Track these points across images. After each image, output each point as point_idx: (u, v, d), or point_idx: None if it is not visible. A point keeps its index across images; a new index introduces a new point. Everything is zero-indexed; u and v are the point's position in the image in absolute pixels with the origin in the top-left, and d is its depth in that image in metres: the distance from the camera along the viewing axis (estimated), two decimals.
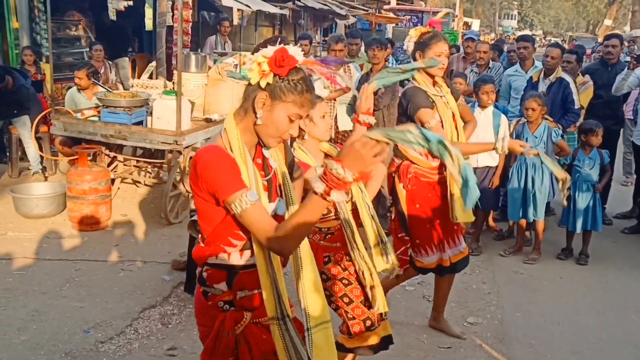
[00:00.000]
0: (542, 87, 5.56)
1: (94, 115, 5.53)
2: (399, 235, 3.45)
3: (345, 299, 2.66)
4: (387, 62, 5.82)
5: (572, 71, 5.79)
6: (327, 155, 2.67)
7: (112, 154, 5.71)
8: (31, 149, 6.12)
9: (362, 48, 7.05)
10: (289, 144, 2.14)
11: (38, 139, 6.21)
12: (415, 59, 3.27)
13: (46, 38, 7.82)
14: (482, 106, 4.97)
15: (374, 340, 2.70)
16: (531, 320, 3.99)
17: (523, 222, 5.09)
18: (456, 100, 3.44)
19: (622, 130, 6.53)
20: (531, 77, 5.73)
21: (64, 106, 6.10)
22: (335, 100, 5.77)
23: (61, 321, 3.61)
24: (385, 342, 2.78)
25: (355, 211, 2.65)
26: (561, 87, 5.48)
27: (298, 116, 1.72)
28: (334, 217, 2.64)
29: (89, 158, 5.31)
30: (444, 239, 3.42)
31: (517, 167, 4.99)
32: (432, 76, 3.26)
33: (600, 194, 5.13)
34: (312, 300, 1.89)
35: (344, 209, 2.60)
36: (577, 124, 5.50)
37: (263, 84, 1.68)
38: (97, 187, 5.06)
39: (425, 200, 3.35)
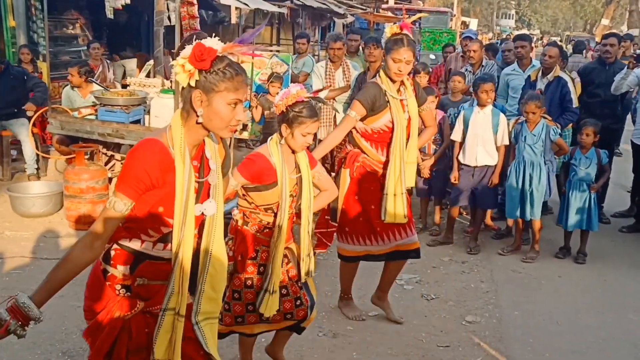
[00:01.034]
0: (540, 86, 5.55)
1: (91, 114, 5.52)
2: (325, 217, 3.44)
3: (236, 295, 2.75)
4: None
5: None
6: (297, 166, 2.75)
7: (109, 153, 5.69)
8: (28, 148, 6.09)
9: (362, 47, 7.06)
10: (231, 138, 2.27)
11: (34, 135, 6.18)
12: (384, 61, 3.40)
13: (43, 37, 7.79)
14: (481, 105, 4.97)
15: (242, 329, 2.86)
16: (529, 319, 3.99)
17: (521, 220, 5.09)
18: (420, 105, 3.50)
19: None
20: (529, 76, 5.72)
21: (60, 104, 6.08)
22: (334, 99, 5.76)
23: (58, 320, 3.60)
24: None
25: (297, 214, 2.77)
26: (559, 86, 5.48)
27: (236, 100, 1.77)
28: (274, 216, 2.71)
29: (86, 157, 5.29)
30: (384, 232, 3.50)
31: (515, 166, 4.99)
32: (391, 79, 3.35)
33: (598, 193, 5.13)
34: (209, 298, 1.91)
35: (283, 215, 2.68)
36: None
37: (193, 83, 1.72)
38: (94, 185, 5.05)
39: (366, 192, 3.46)
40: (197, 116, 1.75)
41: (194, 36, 1.81)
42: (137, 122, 5.41)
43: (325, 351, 3.44)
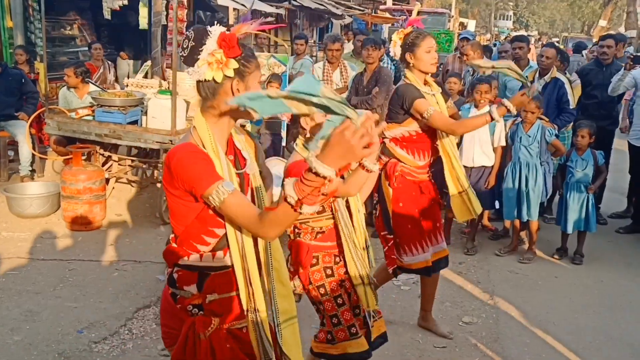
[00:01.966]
0: (537, 87, 5.56)
1: (88, 115, 5.51)
2: (382, 234, 3.44)
3: (330, 304, 2.63)
4: (381, 62, 5.81)
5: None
6: None
7: (106, 154, 5.68)
8: (25, 149, 6.08)
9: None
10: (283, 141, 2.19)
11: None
12: (406, 62, 3.28)
13: (41, 37, 7.78)
14: (477, 106, 4.98)
15: (353, 348, 2.65)
16: (526, 319, 3.99)
17: (518, 221, 5.09)
18: (446, 101, 3.49)
19: None
20: (526, 77, 5.72)
21: (58, 105, 6.07)
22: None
23: (55, 321, 3.59)
24: (380, 341, 2.79)
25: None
26: (556, 87, 5.49)
27: (261, 77, 1.79)
28: (328, 216, 2.62)
29: (84, 158, 5.28)
30: (427, 239, 3.44)
31: (511, 167, 5.00)
32: (424, 73, 3.29)
33: (595, 194, 5.13)
34: (282, 295, 1.87)
35: (342, 208, 2.58)
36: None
37: (230, 73, 1.68)
38: (91, 186, 5.04)
39: (409, 199, 3.35)
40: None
41: (194, 32, 1.72)
42: (135, 122, 5.39)
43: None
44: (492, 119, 3.19)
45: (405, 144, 3.34)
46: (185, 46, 1.70)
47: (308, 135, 2.45)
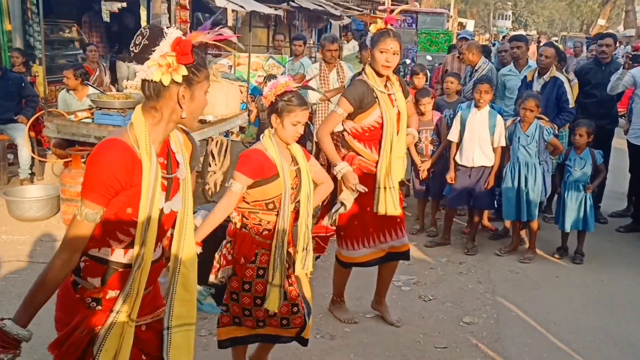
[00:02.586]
0: (536, 87, 5.56)
1: (87, 117, 5.50)
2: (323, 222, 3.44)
3: (234, 296, 2.75)
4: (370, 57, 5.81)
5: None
6: (293, 159, 2.73)
7: None
8: (24, 153, 6.07)
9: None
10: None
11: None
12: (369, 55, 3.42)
13: (39, 40, 7.78)
14: (477, 106, 4.98)
15: (238, 332, 2.83)
16: (527, 319, 3.98)
17: (518, 221, 5.09)
18: (405, 98, 3.53)
19: None
20: (525, 77, 5.73)
21: (57, 108, 6.07)
22: (329, 100, 5.76)
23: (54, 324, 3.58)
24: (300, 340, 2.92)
25: (296, 216, 2.75)
26: (555, 86, 5.49)
27: (208, 86, 1.79)
28: (276, 213, 2.68)
29: (83, 160, 5.28)
30: (372, 237, 3.51)
31: (510, 167, 4.99)
32: (377, 72, 3.35)
33: (594, 194, 5.13)
34: (181, 299, 1.86)
35: (286, 210, 2.66)
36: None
37: (179, 79, 1.67)
38: None
39: (364, 194, 3.33)
40: (182, 111, 1.71)
41: (149, 30, 1.70)
42: None
43: (323, 353, 3.43)
44: (341, 180, 3.29)
45: (362, 138, 3.42)
46: (137, 42, 1.69)
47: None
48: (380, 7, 20.05)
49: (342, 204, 3.25)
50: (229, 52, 7.14)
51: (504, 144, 5.01)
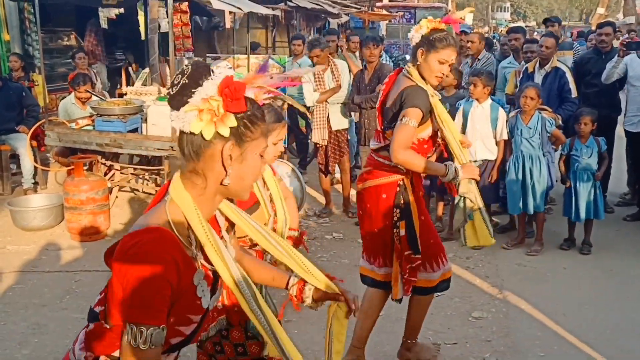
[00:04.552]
0: (538, 78, 5.53)
1: (88, 125, 5.50)
2: (406, 254, 2.97)
3: (240, 349, 2.36)
4: (380, 58, 5.78)
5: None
6: (265, 184, 2.39)
7: (108, 163, 5.67)
8: (27, 162, 6.07)
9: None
10: None
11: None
12: (415, 55, 2.90)
13: (38, 49, 7.79)
14: (477, 99, 4.96)
15: None
16: (536, 312, 3.95)
17: (524, 214, 5.05)
18: None
19: None
20: (526, 68, 5.70)
21: (57, 117, 6.07)
22: (326, 102, 5.74)
23: (62, 333, 3.58)
24: None
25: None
26: (557, 77, 5.46)
27: (266, 146, 1.39)
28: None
29: (85, 168, 5.28)
30: (442, 251, 3.16)
31: (513, 160, 4.96)
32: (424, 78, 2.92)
33: (601, 183, 5.10)
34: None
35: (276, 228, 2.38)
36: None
37: (226, 132, 1.27)
38: (94, 196, 5.03)
39: (423, 209, 3.06)
40: (226, 176, 1.31)
41: (191, 67, 1.32)
42: (135, 130, 5.39)
43: None
44: (446, 175, 2.89)
45: (418, 151, 2.95)
46: (175, 82, 1.31)
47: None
48: (378, 4, 20.01)
49: (466, 198, 2.95)
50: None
51: (506, 137, 4.98)
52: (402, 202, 2.96)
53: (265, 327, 1.47)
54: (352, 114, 5.85)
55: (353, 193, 6.18)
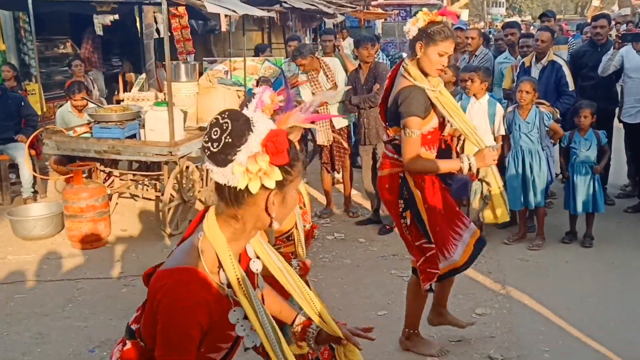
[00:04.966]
0: (535, 72, 5.52)
1: (86, 132, 5.49)
2: (417, 244, 3.04)
3: None
4: (376, 57, 5.76)
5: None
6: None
7: (107, 170, 5.67)
8: (26, 172, 6.06)
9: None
10: None
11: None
12: (414, 50, 2.89)
13: (34, 58, 7.78)
14: (475, 95, 4.95)
15: None
16: (540, 307, 3.94)
17: (524, 209, 5.04)
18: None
19: None
20: (523, 62, 5.69)
21: (54, 125, 6.06)
22: (327, 103, 5.73)
23: (65, 342, 3.57)
24: None
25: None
26: (554, 70, 5.45)
27: (300, 182, 1.45)
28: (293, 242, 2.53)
29: (84, 175, 5.27)
30: (458, 229, 3.13)
31: (513, 156, 4.95)
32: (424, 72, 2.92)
33: (601, 175, 5.09)
34: None
35: (302, 234, 2.51)
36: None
37: (272, 185, 1.31)
38: (94, 204, 5.02)
39: (431, 196, 3.02)
40: (271, 219, 1.36)
41: (230, 122, 1.31)
42: (133, 136, 5.38)
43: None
44: (462, 170, 2.88)
45: (424, 142, 2.97)
46: (214, 137, 1.30)
47: None
48: (373, 3, 20.00)
49: (483, 181, 2.99)
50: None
51: (504, 133, 4.97)
52: (405, 193, 3.00)
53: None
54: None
55: (354, 193, 6.19)
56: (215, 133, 1.30)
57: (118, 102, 7.13)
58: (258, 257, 1.56)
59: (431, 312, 3.49)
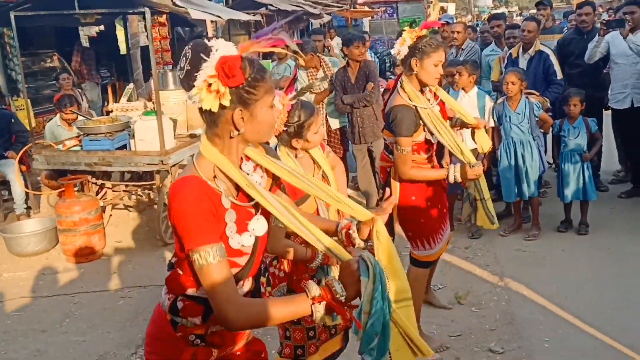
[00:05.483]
0: (522, 62, 5.53)
1: (75, 145, 5.46)
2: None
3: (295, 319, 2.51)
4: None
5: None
6: (315, 163, 2.64)
7: (99, 182, 5.64)
8: (17, 188, 6.03)
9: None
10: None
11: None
12: (409, 67, 3.07)
13: (21, 73, 7.75)
14: (463, 88, 4.95)
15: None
16: (538, 297, 3.94)
17: (519, 199, 5.04)
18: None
19: None
20: (510, 54, 5.70)
21: (44, 139, 6.03)
22: (323, 102, 5.72)
23: (64, 358, 3.55)
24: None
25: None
26: (541, 60, 5.46)
27: (273, 100, 1.60)
28: None
29: (76, 189, 5.24)
30: (440, 229, 3.34)
31: (504, 147, 4.95)
32: (424, 84, 3.11)
33: (594, 162, 5.10)
34: (392, 273, 1.82)
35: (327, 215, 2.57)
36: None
37: (227, 103, 1.48)
38: (87, 217, 4.99)
39: (419, 192, 3.23)
40: (239, 134, 1.55)
41: (191, 50, 1.51)
42: (123, 147, 5.36)
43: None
44: (449, 178, 3.13)
45: (419, 149, 3.20)
46: (182, 66, 1.52)
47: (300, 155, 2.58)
48: (360, 1, 20.02)
49: (468, 192, 3.26)
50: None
51: (494, 125, 4.97)
52: (390, 183, 3.28)
53: (301, 228, 1.66)
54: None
55: (350, 192, 6.18)
56: (182, 62, 1.52)
57: (108, 113, 7.10)
58: (277, 182, 1.79)
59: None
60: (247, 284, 1.72)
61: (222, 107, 1.49)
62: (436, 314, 3.80)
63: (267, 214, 1.68)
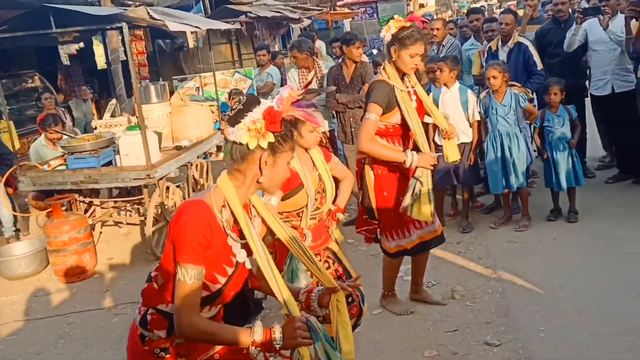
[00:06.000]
0: (502, 55, 5.56)
1: (61, 165, 5.42)
2: (364, 217, 3.62)
3: None
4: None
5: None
6: (314, 164, 2.93)
7: (87, 200, 5.60)
8: (4, 211, 5.97)
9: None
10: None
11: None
12: (390, 53, 3.33)
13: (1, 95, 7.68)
14: (445, 84, 4.98)
15: None
16: (532, 287, 3.96)
17: (507, 191, 5.07)
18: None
19: None
20: (490, 47, 5.73)
21: (28, 161, 5.98)
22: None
23: None
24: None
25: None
26: (521, 52, 5.50)
27: (291, 159, 1.90)
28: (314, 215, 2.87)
29: (64, 208, 5.20)
30: (410, 225, 3.53)
31: (491, 140, 4.97)
32: (401, 72, 3.34)
33: (578, 149, 5.13)
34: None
35: (308, 216, 2.86)
36: None
37: (264, 145, 1.77)
38: (76, 236, 4.95)
39: (393, 187, 3.44)
40: (261, 175, 1.81)
41: (246, 98, 1.85)
42: (109, 164, 5.32)
43: None
44: (405, 163, 3.29)
45: (386, 134, 3.41)
46: (234, 107, 1.82)
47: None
48: (339, 3, 20.06)
49: (418, 180, 3.29)
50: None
51: (479, 118, 5.00)
52: (364, 175, 3.50)
53: (270, 275, 1.90)
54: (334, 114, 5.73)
55: None
56: (236, 105, 1.83)
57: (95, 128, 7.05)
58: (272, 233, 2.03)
59: (411, 289, 3.97)
60: (213, 310, 1.89)
61: (257, 146, 1.76)
62: (431, 310, 3.81)
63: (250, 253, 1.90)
